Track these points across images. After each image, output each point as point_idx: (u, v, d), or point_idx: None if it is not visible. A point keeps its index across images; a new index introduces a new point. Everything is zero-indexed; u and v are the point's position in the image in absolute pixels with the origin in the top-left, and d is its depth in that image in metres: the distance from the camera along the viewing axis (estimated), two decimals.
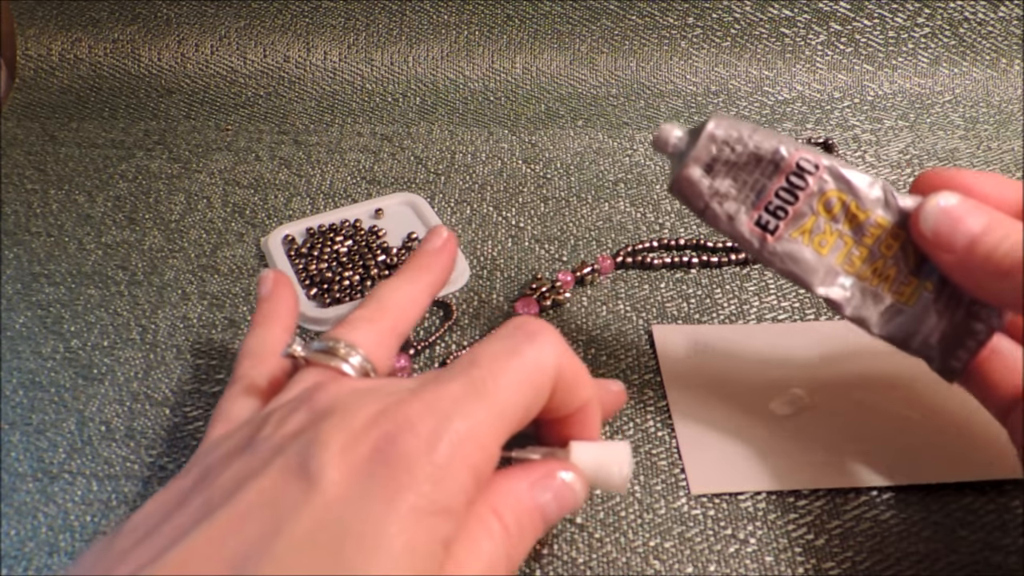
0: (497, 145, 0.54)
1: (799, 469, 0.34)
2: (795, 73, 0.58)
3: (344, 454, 0.21)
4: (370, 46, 0.59)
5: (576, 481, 0.25)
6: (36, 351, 0.40)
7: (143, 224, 0.48)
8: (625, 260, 0.44)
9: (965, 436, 0.35)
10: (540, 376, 0.24)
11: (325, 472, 0.21)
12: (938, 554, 0.31)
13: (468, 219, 0.48)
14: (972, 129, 0.55)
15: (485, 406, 0.22)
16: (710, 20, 0.58)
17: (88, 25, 0.60)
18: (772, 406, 0.36)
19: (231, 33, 0.60)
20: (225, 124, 0.57)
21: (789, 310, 0.42)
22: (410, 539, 0.20)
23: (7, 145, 0.55)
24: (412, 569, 0.20)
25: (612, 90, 0.58)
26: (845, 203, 0.28)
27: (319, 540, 0.19)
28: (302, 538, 0.19)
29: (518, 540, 0.23)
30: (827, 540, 0.32)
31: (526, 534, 0.24)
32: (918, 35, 0.57)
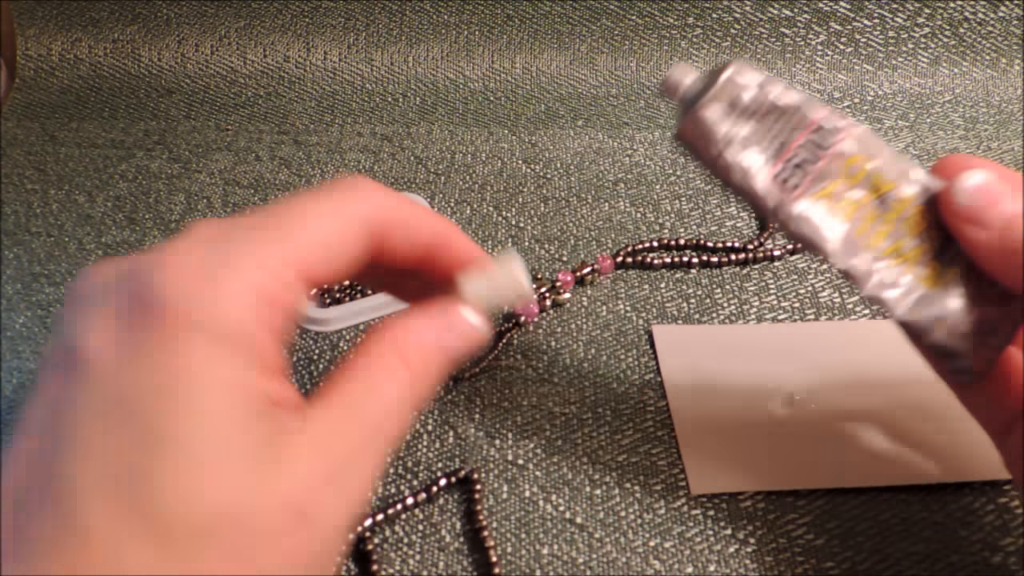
0: (497, 145, 0.54)
1: (799, 469, 0.34)
2: (795, 73, 0.58)
3: (99, 319, 0.18)
4: (370, 46, 0.59)
5: (477, 318, 0.24)
6: (36, 351, 0.40)
7: (143, 224, 0.48)
8: (625, 260, 0.44)
9: (965, 436, 0.35)
10: (342, 214, 0.22)
11: (85, 348, 0.18)
12: (938, 554, 0.31)
13: (468, 219, 0.48)
14: (972, 129, 0.55)
15: (262, 233, 0.20)
16: (710, 20, 0.58)
17: (88, 25, 0.60)
18: (772, 406, 0.36)
19: (231, 33, 0.60)
20: (225, 124, 0.57)
21: (789, 310, 0.42)
22: (205, 374, 0.18)
23: (7, 145, 0.55)
24: (227, 405, 0.18)
25: (612, 90, 0.58)
26: (869, 172, 0.26)
27: (111, 424, 0.17)
28: (91, 429, 0.17)
29: (424, 381, 0.23)
30: (827, 540, 0.32)
31: (432, 375, 0.23)
32: (918, 35, 0.57)
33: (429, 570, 0.31)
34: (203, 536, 0.17)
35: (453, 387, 0.38)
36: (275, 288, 0.20)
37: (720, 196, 0.49)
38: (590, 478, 0.34)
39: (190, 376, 0.18)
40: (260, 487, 0.18)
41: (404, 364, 0.22)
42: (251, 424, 0.18)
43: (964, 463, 0.34)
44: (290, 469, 0.19)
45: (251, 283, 0.19)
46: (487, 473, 0.34)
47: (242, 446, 0.18)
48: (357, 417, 0.20)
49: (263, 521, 0.18)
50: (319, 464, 0.19)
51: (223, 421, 0.18)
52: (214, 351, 0.18)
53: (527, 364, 0.39)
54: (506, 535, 0.32)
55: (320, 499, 0.19)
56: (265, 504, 0.18)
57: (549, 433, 0.36)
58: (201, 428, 0.18)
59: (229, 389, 0.18)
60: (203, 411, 0.18)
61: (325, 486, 0.19)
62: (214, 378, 0.18)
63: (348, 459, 0.20)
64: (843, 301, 0.42)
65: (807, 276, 0.44)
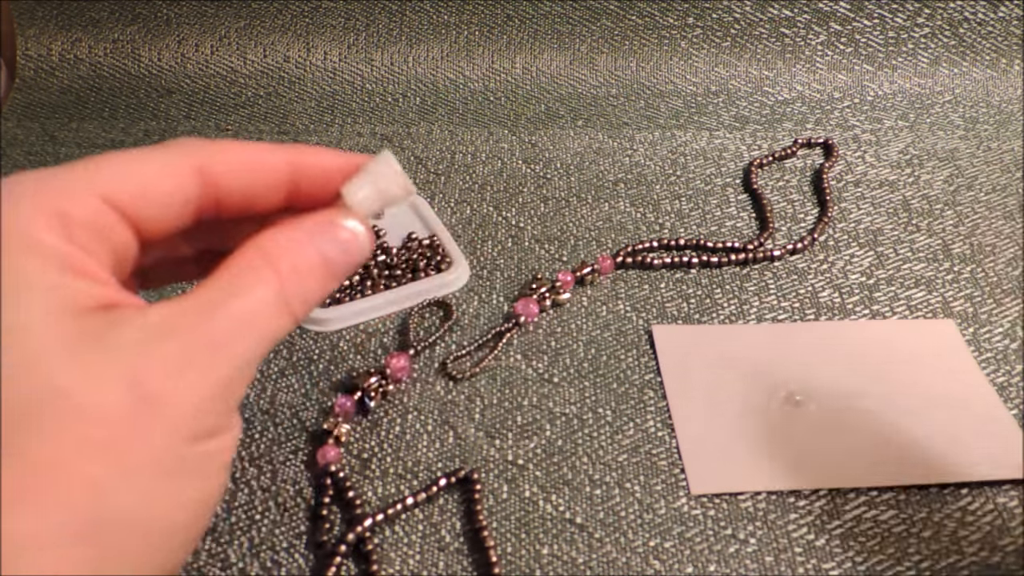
0: (497, 145, 0.54)
1: (799, 469, 0.34)
2: (795, 73, 0.58)
3: None
4: (370, 46, 0.59)
5: (357, 224, 0.23)
6: None
7: None
8: (625, 260, 0.44)
9: (965, 436, 0.35)
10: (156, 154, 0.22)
11: None
12: (938, 554, 0.31)
13: (468, 219, 0.48)
14: (972, 129, 0.55)
15: (67, 167, 0.21)
16: (710, 20, 0.58)
17: (88, 25, 0.60)
18: (772, 406, 0.36)
19: (231, 33, 0.60)
20: (225, 124, 0.57)
21: (789, 310, 0.42)
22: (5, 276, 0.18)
23: (7, 145, 0.55)
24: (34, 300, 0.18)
25: (612, 90, 0.58)
26: None
27: None
28: None
29: (296, 286, 0.22)
30: (827, 540, 0.32)
31: (306, 282, 0.22)
32: (918, 35, 0.57)
33: (429, 570, 0.31)
34: (25, 421, 0.17)
35: (453, 387, 0.38)
36: (79, 211, 0.20)
37: (720, 196, 0.49)
38: (590, 478, 0.34)
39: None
40: (87, 369, 0.18)
41: (274, 271, 0.21)
42: (67, 317, 0.18)
43: (964, 463, 0.34)
44: (122, 352, 0.18)
45: (47, 202, 0.20)
46: (487, 473, 0.34)
47: (60, 334, 0.18)
48: (214, 311, 0.20)
49: (94, 400, 0.18)
50: (164, 349, 0.19)
51: (34, 313, 0.18)
52: (9, 258, 0.18)
53: (527, 364, 0.39)
54: (506, 535, 0.32)
55: (170, 384, 0.19)
56: (94, 384, 0.18)
57: (549, 433, 0.36)
58: (8, 321, 0.18)
59: (33, 288, 0.18)
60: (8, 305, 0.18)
61: (177, 373, 0.19)
62: (8, 281, 0.18)
63: (206, 349, 0.19)
64: (843, 301, 0.42)
65: (807, 276, 0.44)
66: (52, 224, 0.19)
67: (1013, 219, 0.47)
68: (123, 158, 0.21)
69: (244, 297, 0.21)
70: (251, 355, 0.21)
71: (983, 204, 0.49)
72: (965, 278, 0.43)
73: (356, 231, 0.23)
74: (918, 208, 0.48)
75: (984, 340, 0.40)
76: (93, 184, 0.21)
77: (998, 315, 0.41)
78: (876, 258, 0.45)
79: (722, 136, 0.54)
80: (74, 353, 0.18)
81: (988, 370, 0.38)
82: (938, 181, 0.50)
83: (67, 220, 0.20)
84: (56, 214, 0.20)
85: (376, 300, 0.41)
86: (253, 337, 0.21)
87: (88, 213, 0.20)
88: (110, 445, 0.18)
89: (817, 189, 0.50)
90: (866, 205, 0.49)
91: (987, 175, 0.51)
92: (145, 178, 0.21)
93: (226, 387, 0.20)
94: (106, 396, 0.18)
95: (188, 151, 0.22)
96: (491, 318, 0.41)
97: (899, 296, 0.42)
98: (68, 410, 0.17)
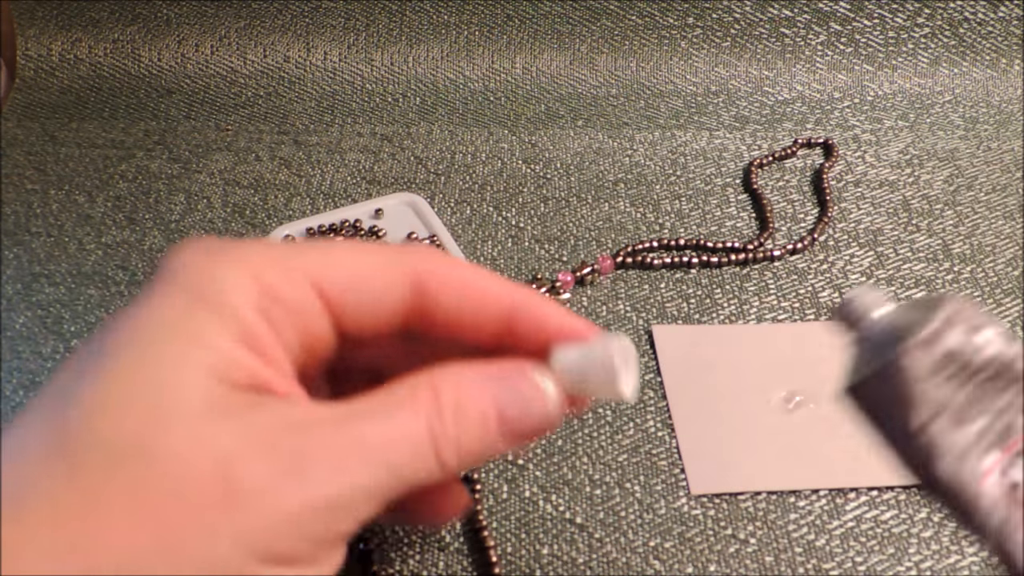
0: (497, 145, 0.54)
1: (799, 469, 0.34)
2: (795, 73, 0.58)
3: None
4: (370, 46, 0.59)
5: (550, 386, 0.20)
6: (36, 351, 0.40)
7: (143, 224, 0.48)
8: (625, 260, 0.44)
9: None
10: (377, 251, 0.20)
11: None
12: (938, 554, 0.31)
13: (468, 219, 0.48)
14: (972, 129, 0.55)
15: (281, 245, 0.20)
16: (710, 20, 0.58)
17: (88, 25, 0.60)
18: (772, 406, 0.36)
19: (231, 33, 0.60)
20: (225, 124, 0.57)
21: (789, 310, 0.42)
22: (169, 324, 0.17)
23: (7, 145, 0.55)
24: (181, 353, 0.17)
25: (612, 90, 0.58)
26: None
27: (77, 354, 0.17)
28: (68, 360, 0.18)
29: (454, 429, 0.19)
30: (827, 540, 0.32)
31: (468, 429, 0.19)
32: (918, 35, 0.57)
33: (429, 570, 0.31)
34: (113, 462, 0.16)
35: None
36: (285, 288, 0.19)
37: (720, 196, 0.49)
38: (590, 478, 0.34)
39: (151, 321, 0.18)
40: (188, 433, 0.16)
41: (432, 405, 0.18)
42: (215, 382, 0.17)
43: None
44: (230, 430, 0.17)
45: (252, 271, 0.19)
46: (487, 473, 0.34)
47: (197, 395, 0.17)
48: (346, 425, 0.18)
49: (179, 469, 0.16)
50: (280, 447, 0.17)
51: (168, 364, 0.17)
52: (191, 310, 0.18)
53: None
54: (506, 535, 0.32)
55: (266, 485, 0.16)
56: (186, 451, 0.16)
57: (549, 433, 0.36)
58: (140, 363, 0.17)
59: (191, 342, 0.17)
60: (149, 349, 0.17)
61: (280, 475, 0.16)
62: (177, 329, 0.17)
63: (321, 461, 0.17)
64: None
65: (807, 276, 0.44)
66: (249, 291, 0.18)
67: (1013, 219, 0.47)
68: (343, 248, 0.20)
69: (386, 421, 0.18)
70: (371, 486, 0.17)
71: (983, 204, 0.49)
72: (965, 278, 0.43)
73: (545, 391, 0.20)
74: (918, 208, 0.48)
75: None
76: (307, 266, 0.20)
77: (998, 315, 0.41)
78: (876, 258, 0.45)
79: (722, 136, 0.54)
80: (196, 416, 0.17)
81: None
82: (938, 181, 0.50)
83: (269, 292, 0.19)
84: (259, 283, 0.19)
85: None
86: (380, 467, 0.18)
87: (293, 293, 0.19)
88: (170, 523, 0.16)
89: (817, 189, 0.50)
90: (866, 205, 0.49)
91: (987, 175, 0.51)
92: (360, 270, 0.20)
93: (328, 510, 0.17)
94: (193, 469, 0.16)
95: (409, 256, 0.21)
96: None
97: (899, 296, 0.42)
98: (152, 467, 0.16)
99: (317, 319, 0.20)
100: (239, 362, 0.18)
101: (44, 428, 0.16)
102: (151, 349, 0.17)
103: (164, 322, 0.18)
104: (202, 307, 0.18)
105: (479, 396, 0.19)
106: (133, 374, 0.17)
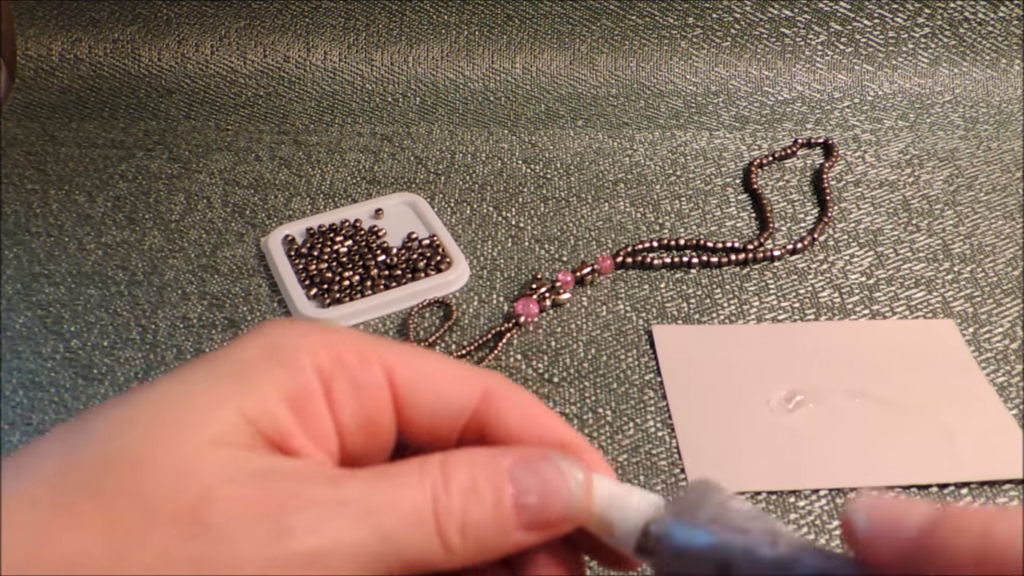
0: (497, 145, 0.54)
1: (799, 469, 0.34)
2: (795, 73, 0.58)
3: None
4: (370, 46, 0.59)
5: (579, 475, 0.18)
6: (36, 351, 0.40)
7: (143, 224, 0.48)
8: (625, 260, 0.44)
9: (965, 436, 0.35)
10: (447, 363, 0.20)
11: None
12: None
13: (468, 219, 0.48)
14: (972, 129, 0.55)
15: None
16: (710, 20, 0.58)
17: (88, 25, 0.60)
18: (772, 406, 0.36)
19: (231, 33, 0.60)
20: (225, 124, 0.57)
21: (789, 310, 0.42)
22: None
23: (7, 145, 0.55)
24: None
25: (612, 90, 0.58)
26: None
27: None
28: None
29: (461, 505, 0.17)
30: (827, 540, 0.32)
31: (478, 507, 0.17)
32: (918, 35, 0.57)
33: None
34: (105, 466, 0.16)
35: None
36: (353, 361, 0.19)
37: (720, 196, 0.49)
38: None
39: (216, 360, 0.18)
40: (187, 458, 0.16)
41: (441, 479, 0.17)
42: (230, 416, 0.17)
43: (964, 463, 0.34)
44: (226, 466, 0.16)
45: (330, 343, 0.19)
46: None
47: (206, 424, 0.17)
48: (344, 487, 0.17)
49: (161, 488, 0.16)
50: (262, 491, 0.16)
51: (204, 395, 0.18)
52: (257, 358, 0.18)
53: (527, 364, 0.39)
54: None
55: (234, 527, 0.16)
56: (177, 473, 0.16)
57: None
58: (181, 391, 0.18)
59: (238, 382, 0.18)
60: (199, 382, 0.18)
61: (252, 519, 0.16)
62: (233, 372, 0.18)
63: (300, 513, 0.16)
64: (843, 301, 0.42)
65: (807, 276, 0.44)
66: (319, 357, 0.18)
67: (1013, 219, 0.47)
68: (421, 351, 0.20)
69: (384, 484, 0.17)
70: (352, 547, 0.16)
71: (983, 204, 0.49)
72: (965, 278, 0.43)
73: (570, 475, 0.18)
74: (918, 208, 0.48)
75: (984, 340, 0.40)
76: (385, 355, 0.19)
77: (998, 315, 0.41)
78: (876, 258, 0.45)
79: (722, 136, 0.54)
80: (204, 445, 0.17)
81: (988, 370, 0.38)
82: (938, 181, 0.50)
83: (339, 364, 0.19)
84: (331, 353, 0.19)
85: (376, 300, 0.41)
86: (367, 530, 0.16)
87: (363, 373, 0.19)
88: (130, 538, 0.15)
89: (817, 189, 0.50)
90: (866, 205, 0.49)
91: (987, 175, 0.51)
92: (435, 373, 0.20)
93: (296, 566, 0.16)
94: (177, 494, 0.16)
95: (481, 373, 0.20)
96: (491, 318, 0.41)
97: (899, 296, 0.42)
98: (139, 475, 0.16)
99: (382, 406, 0.19)
100: (275, 417, 0.18)
101: (67, 432, 0.17)
102: (202, 384, 0.18)
103: (227, 364, 0.18)
104: (268, 359, 0.18)
105: (495, 475, 0.18)
106: (170, 398, 0.17)
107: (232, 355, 0.18)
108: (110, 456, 0.16)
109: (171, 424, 0.17)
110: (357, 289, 0.42)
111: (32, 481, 0.16)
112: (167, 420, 0.17)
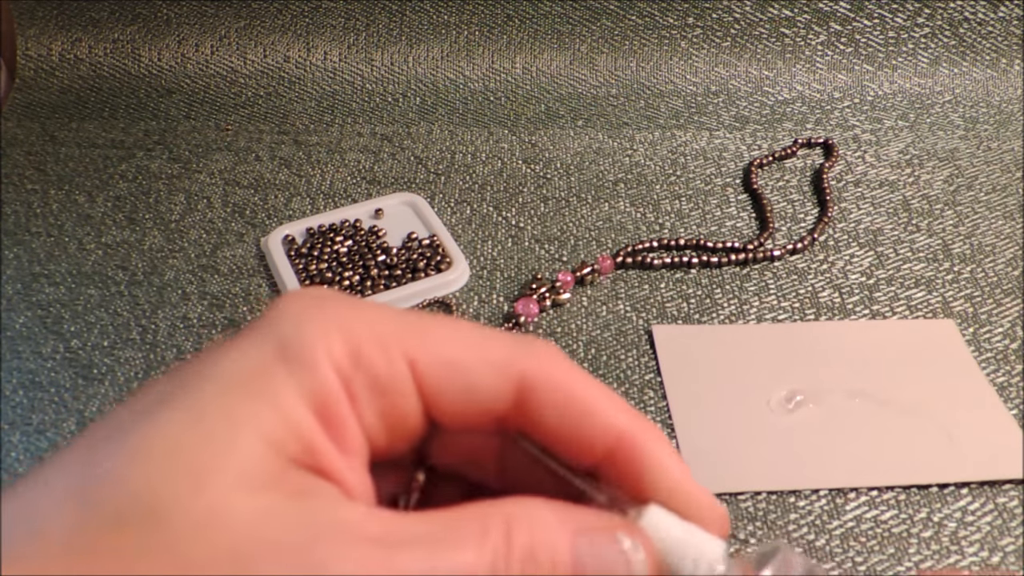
0: (497, 145, 0.54)
1: (799, 469, 0.34)
2: (795, 73, 0.58)
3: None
4: (370, 46, 0.59)
5: (640, 558, 0.18)
6: (36, 351, 0.40)
7: (143, 224, 0.48)
8: (625, 260, 0.44)
9: (965, 436, 0.35)
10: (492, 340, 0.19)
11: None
12: (938, 554, 0.31)
13: (468, 219, 0.48)
14: (972, 129, 0.55)
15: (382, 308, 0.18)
16: (710, 20, 0.58)
17: (88, 25, 0.60)
18: (772, 406, 0.36)
19: (231, 33, 0.60)
20: (225, 124, 0.57)
21: (789, 310, 0.42)
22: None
23: (7, 145, 0.55)
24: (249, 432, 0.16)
25: (612, 90, 0.58)
26: None
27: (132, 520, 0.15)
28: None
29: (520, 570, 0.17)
30: (827, 540, 0.32)
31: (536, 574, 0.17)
32: (918, 35, 0.57)
33: None
34: (126, 516, 0.15)
35: None
36: (372, 354, 0.18)
37: (720, 196, 0.49)
38: None
39: (226, 369, 0.17)
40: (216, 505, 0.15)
41: (503, 541, 0.17)
42: (256, 446, 0.16)
43: (964, 463, 0.34)
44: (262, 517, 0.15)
45: (346, 332, 0.18)
46: None
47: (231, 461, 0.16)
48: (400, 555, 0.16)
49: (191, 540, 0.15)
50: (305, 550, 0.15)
51: (224, 421, 0.16)
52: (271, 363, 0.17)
53: None
54: None
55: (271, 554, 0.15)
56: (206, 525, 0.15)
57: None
58: (195, 415, 0.16)
59: (256, 399, 0.16)
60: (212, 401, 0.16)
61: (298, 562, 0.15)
62: (248, 384, 0.17)
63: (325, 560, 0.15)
64: (843, 301, 0.42)
65: (807, 276, 0.44)
66: (336, 353, 0.17)
67: (1013, 219, 0.47)
68: (448, 328, 0.19)
69: (443, 547, 0.16)
70: None
71: (983, 204, 0.49)
72: (965, 278, 0.43)
73: (632, 562, 0.18)
74: (918, 208, 0.48)
75: (984, 340, 0.40)
76: (405, 341, 0.18)
77: (998, 315, 0.41)
78: (876, 258, 0.45)
79: (722, 136, 0.54)
80: (232, 488, 0.15)
81: (988, 370, 0.38)
82: (938, 181, 0.50)
83: (357, 359, 0.18)
84: (349, 347, 0.17)
85: (376, 300, 0.41)
86: None
87: (385, 367, 0.18)
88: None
89: (817, 189, 0.50)
90: (866, 205, 0.49)
91: (987, 175, 0.51)
92: (463, 359, 0.18)
93: None
94: (209, 546, 0.15)
95: (520, 353, 0.19)
96: (491, 318, 0.41)
97: (899, 296, 0.42)
98: (166, 528, 0.15)
99: (406, 400, 0.18)
100: (301, 430, 0.17)
101: (77, 467, 0.16)
102: (213, 402, 0.16)
103: (237, 372, 0.17)
104: (282, 362, 0.17)
105: (556, 545, 0.17)
106: (184, 426, 0.16)
107: (240, 360, 0.17)
108: (133, 506, 0.15)
109: (194, 462, 0.15)
110: (357, 289, 0.42)
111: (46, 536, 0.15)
112: (190, 458, 0.15)
